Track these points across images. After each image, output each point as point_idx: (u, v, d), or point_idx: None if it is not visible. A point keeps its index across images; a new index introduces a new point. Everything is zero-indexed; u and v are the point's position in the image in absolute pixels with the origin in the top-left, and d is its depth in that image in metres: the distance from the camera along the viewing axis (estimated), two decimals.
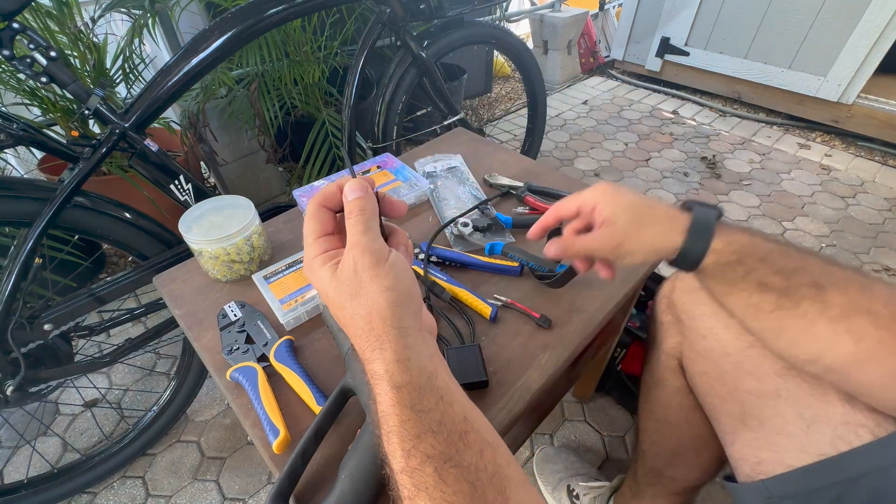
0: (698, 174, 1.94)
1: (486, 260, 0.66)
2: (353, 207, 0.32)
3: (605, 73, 2.89)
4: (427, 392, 0.28)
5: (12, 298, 0.72)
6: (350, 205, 0.33)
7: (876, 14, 1.84)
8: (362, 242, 0.31)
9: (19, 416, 1.06)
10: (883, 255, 1.54)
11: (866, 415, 0.40)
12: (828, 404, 0.43)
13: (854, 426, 0.41)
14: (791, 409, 0.46)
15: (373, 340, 0.29)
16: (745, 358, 0.52)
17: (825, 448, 0.42)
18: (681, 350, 0.62)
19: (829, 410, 0.43)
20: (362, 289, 0.30)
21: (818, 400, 0.44)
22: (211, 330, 0.61)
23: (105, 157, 0.79)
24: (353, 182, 0.33)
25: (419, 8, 1.18)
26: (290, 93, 1.47)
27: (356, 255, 0.30)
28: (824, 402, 0.43)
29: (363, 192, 0.33)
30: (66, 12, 1.15)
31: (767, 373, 0.49)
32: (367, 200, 0.33)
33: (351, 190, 0.33)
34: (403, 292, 0.30)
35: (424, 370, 0.29)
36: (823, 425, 0.43)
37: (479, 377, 0.53)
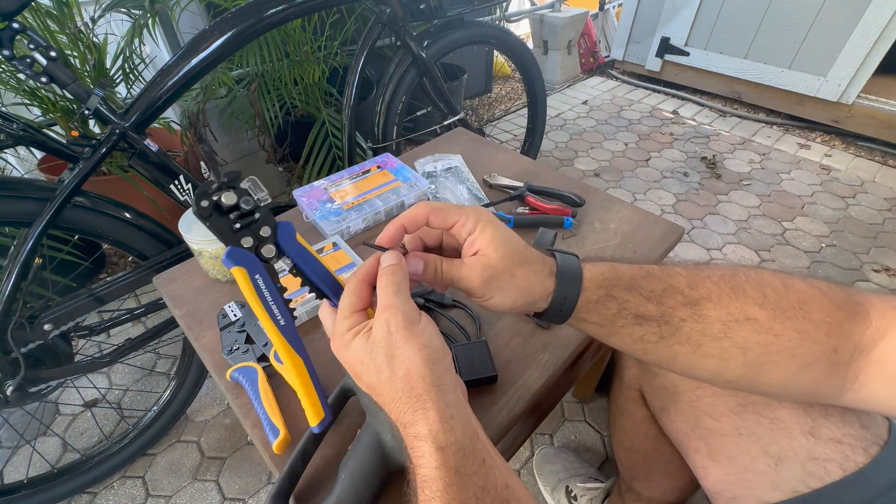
0: (698, 174, 1.94)
1: None
2: (386, 272, 0.34)
3: (605, 73, 2.89)
4: (470, 454, 0.29)
5: (12, 298, 0.72)
6: (382, 270, 0.34)
7: (876, 14, 1.84)
8: (395, 303, 0.32)
9: (19, 416, 1.06)
10: (883, 255, 1.54)
11: (832, 447, 0.40)
12: (790, 438, 0.42)
13: (822, 461, 0.40)
14: (755, 447, 0.45)
15: (413, 401, 0.30)
16: (696, 398, 0.50)
17: (796, 485, 0.41)
18: (640, 382, 0.61)
19: (793, 445, 0.42)
20: (398, 350, 0.31)
21: (779, 435, 0.43)
22: (211, 330, 0.61)
23: (105, 157, 0.79)
24: (389, 253, 0.36)
25: (419, 8, 1.18)
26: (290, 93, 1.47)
27: (389, 317, 0.31)
28: (786, 435, 0.42)
29: (396, 261, 0.35)
30: (66, 12, 1.15)
31: (722, 412, 0.48)
32: (399, 267, 0.35)
33: (386, 258, 0.35)
34: (438, 350, 0.31)
35: (467, 429, 0.29)
36: (791, 461, 0.42)
37: (489, 372, 0.53)
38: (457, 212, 0.36)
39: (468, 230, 0.36)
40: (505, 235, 0.36)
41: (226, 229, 0.33)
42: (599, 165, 2.02)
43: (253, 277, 0.33)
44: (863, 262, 1.52)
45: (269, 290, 0.34)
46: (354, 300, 0.35)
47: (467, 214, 0.36)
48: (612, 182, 1.91)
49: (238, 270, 0.33)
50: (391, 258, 0.35)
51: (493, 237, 0.35)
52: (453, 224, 0.36)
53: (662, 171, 1.97)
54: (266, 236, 0.34)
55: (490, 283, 0.35)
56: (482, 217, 0.36)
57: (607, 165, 2.02)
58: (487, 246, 0.35)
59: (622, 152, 2.11)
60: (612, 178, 1.93)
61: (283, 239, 0.35)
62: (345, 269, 0.67)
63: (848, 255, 1.54)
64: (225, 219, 0.33)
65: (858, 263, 1.51)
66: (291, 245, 0.35)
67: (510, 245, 0.36)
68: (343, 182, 0.84)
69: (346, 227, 0.76)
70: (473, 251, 0.36)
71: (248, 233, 0.33)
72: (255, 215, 0.34)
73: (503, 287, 0.35)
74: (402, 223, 0.36)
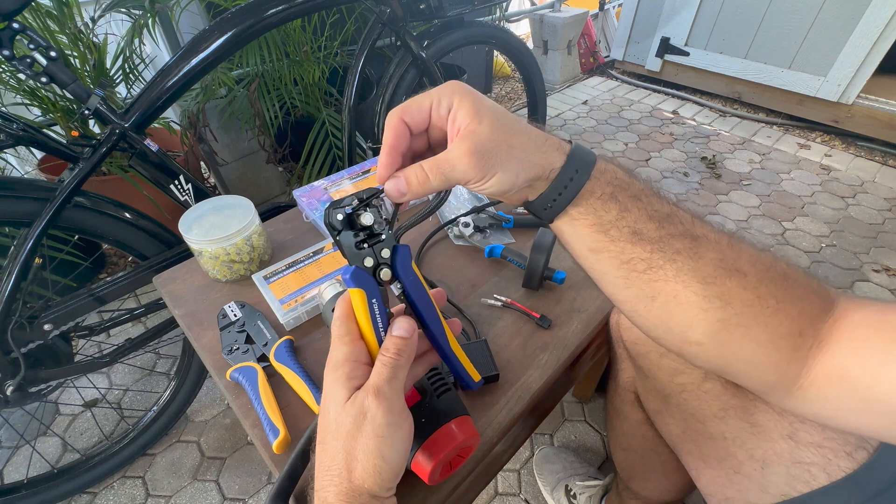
0: (698, 174, 1.94)
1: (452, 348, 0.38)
2: (391, 346, 0.32)
3: (605, 73, 2.89)
4: None
5: (12, 298, 0.72)
6: (390, 340, 0.32)
7: (876, 14, 1.84)
8: (385, 392, 0.30)
9: (19, 416, 1.06)
10: (883, 255, 1.54)
11: (813, 451, 0.39)
12: (771, 442, 0.42)
13: (805, 465, 0.40)
14: (741, 451, 0.45)
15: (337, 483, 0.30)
16: (683, 401, 0.50)
17: (784, 488, 0.41)
18: (635, 385, 0.61)
19: (775, 448, 0.42)
20: (358, 442, 0.29)
21: (761, 439, 0.43)
22: (211, 330, 0.61)
23: (105, 157, 0.79)
24: (404, 321, 0.33)
25: (419, 8, 1.18)
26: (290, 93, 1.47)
27: (371, 403, 0.30)
28: (767, 439, 0.42)
29: (408, 335, 0.33)
30: (66, 12, 1.15)
31: (707, 415, 0.47)
32: (407, 345, 0.32)
33: (399, 327, 0.33)
34: (394, 468, 0.30)
35: None
36: (776, 465, 0.42)
37: (491, 371, 0.54)
38: (427, 96, 0.32)
39: (445, 107, 0.31)
40: (489, 103, 0.31)
41: (352, 246, 0.32)
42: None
43: (370, 301, 0.32)
44: (863, 262, 1.52)
45: (382, 317, 0.33)
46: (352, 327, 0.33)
47: (439, 91, 0.31)
48: None
49: (357, 293, 0.32)
50: (404, 329, 0.32)
51: (475, 105, 0.30)
52: (428, 110, 0.32)
53: (662, 171, 1.97)
54: (385, 258, 0.33)
55: (485, 159, 0.30)
56: (457, 88, 0.31)
57: None
58: (471, 117, 0.30)
59: (622, 152, 2.11)
60: None
61: (399, 264, 0.33)
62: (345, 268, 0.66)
63: (848, 255, 1.54)
64: (354, 236, 0.32)
65: (858, 263, 1.51)
66: (406, 271, 0.34)
67: (497, 113, 0.31)
68: (343, 182, 0.84)
69: None
70: (457, 129, 0.31)
71: (371, 253, 0.33)
72: (381, 236, 0.33)
73: (502, 161, 0.31)
74: (392, 145, 0.32)
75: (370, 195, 0.32)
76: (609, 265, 0.34)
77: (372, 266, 0.33)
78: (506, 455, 0.66)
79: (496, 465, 0.66)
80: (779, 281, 0.32)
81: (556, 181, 0.32)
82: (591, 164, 0.32)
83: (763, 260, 0.32)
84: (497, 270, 0.70)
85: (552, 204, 0.33)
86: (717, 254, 0.32)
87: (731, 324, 0.31)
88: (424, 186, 0.31)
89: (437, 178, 0.31)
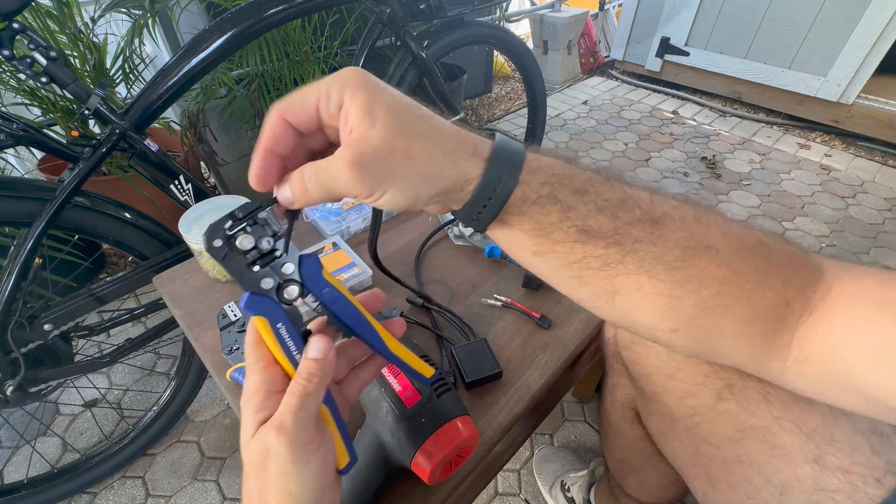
0: (698, 174, 1.94)
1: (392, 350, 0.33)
2: (303, 370, 0.28)
3: (605, 73, 2.89)
4: None
5: (12, 298, 0.72)
6: (303, 364, 0.28)
7: (876, 14, 1.84)
8: (287, 427, 0.26)
9: (19, 416, 1.06)
10: (883, 255, 1.54)
11: (839, 477, 0.36)
12: (794, 466, 0.38)
13: (829, 493, 0.36)
14: (758, 476, 0.41)
15: None
16: (694, 424, 0.46)
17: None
18: (635, 403, 0.57)
19: (797, 473, 0.38)
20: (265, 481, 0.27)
21: (782, 463, 0.39)
22: (211, 330, 0.61)
23: (105, 157, 0.79)
24: (317, 341, 0.29)
25: (419, 8, 1.18)
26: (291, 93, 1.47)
27: (272, 440, 0.26)
28: (789, 464, 0.38)
29: (322, 355, 0.28)
30: (66, 12, 1.15)
31: (722, 438, 0.43)
32: (321, 367, 0.28)
33: (312, 347, 0.29)
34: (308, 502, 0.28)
35: None
36: (797, 492, 0.38)
37: (494, 369, 0.54)
38: (314, 89, 0.25)
39: (335, 104, 0.25)
40: (388, 98, 0.25)
41: (244, 270, 0.28)
42: (600, 166, 2.02)
43: (275, 327, 0.29)
44: (863, 262, 1.52)
45: (293, 339, 0.30)
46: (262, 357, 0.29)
47: (328, 82, 0.25)
48: None
49: (259, 321, 0.29)
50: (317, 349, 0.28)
51: (368, 101, 0.24)
52: (315, 106, 0.25)
53: (662, 172, 1.97)
54: (289, 274, 0.29)
55: (371, 172, 0.24)
56: (349, 79, 0.25)
57: (607, 166, 2.02)
58: (361, 118, 0.24)
59: (622, 152, 2.11)
60: None
61: (308, 277, 0.30)
62: (344, 269, 0.66)
63: (848, 255, 1.54)
64: (242, 258, 0.28)
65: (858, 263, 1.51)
66: (318, 283, 0.30)
67: (397, 112, 0.25)
68: None
69: (346, 227, 0.76)
70: (347, 132, 0.25)
71: (269, 272, 0.29)
72: (275, 253, 0.29)
73: (395, 174, 0.25)
74: (265, 147, 0.26)
75: (249, 211, 0.28)
76: (557, 266, 0.30)
77: (273, 286, 0.29)
78: (506, 455, 0.66)
79: (496, 465, 0.66)
80: (756, 250, 0.29)
81: (476, 193, 0.27)
82: (517, 167, 0.27)
83: (735, 230, 0.29)
84: (497, 270, 0.70)
85: (477, 216, 0.28)
86: (683, 232, 0.28)
87: (707, 306, 0.29)
88: (305, 197, 0.27)
89: (316, 189, 0.26)
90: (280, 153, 0.27)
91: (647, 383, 0.49)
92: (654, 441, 0.55)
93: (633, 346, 0.50)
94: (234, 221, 0.28)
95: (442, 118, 0.27)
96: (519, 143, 0.29)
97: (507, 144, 0.28)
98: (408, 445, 0.40)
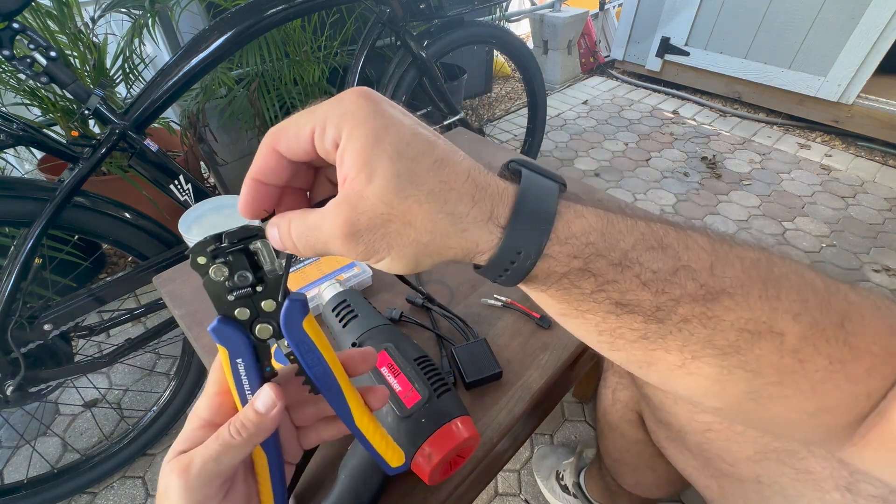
0: (698, 174, 1.94)
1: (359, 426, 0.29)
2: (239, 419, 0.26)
3: (605, 73, 2.89)
4: None
5: (12, 298, 0.72)
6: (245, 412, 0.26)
7: (876, 14, 1.84)
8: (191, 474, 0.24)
9: (19, 416, 1.06)
10: (883, 255, 1.54)
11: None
12: (822, 492, 0.35)
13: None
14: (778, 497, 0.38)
15: None
16: (706, 440, 0.42)
17: None
18: (640, 406, 0.55)
19: (825, 499, 0.35)
20: None
21: (807, 487, 0.36)
22: None
23: (105, 157, 0.79)
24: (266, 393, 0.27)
25: (419, 8, 1.18)
26: (290, 93, 1.47)
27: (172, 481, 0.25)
28: (816, 489, 0.35)
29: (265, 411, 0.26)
30: (66, 12, 1.15)
31: (738, 458, 0.40)
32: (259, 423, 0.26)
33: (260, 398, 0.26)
34: None
35: None
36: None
37: (494, 369, 0.53)
38: (308, 119, 0.22)
39: (331, 140, 0.21)
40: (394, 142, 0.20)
41: (221, 295, 0.26)
42: (600, 165, 2.02)
43: (233, 361, 0.27)
44: (863, 262, 1.51)
45: (249, 379, 0.28)
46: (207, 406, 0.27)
47: (325, 112, 0.21)
48: (613, 182, 1.91)
49: (221, 349, 0.27)
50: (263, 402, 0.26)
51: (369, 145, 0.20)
52: (309, 140, 0.22)
53: (663, 171, 1.97)
54: (269, 311, 0.27)
55: (365, 242, 0.21)
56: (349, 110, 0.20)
57: (607, 165, 2.02)
58: (358, 169, 0.20)
59: (622, 152, 2.11)
60: (612, 178, 1.93)
61: (286, 321, 0.27)
62: (344, 269, 0.66)
63: (848, 255, 1.54)
64: (221, 284, 0.26)
65: (858, 263, 1.51)
66: (295, 332, 0.27)
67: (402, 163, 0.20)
68: None
69: None
70: (342, 179, 0.21)
71: (247, 304, 0.27)
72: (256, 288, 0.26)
73: (391, 243, 0.21)
74: (254, 177, 0.23)
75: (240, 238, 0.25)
76: (586, 331, 0.26)
77: (247, 319, 0.27)
78: (506, 455, 0.66)
79: (496, 466, 0.66)
80: (834, 331, 0.23)
81: (490, 263, 0.23)
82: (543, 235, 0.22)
83: (812, 304, 0.23)
84: None
85: (496, 279, 0.24)
86: (744, 313, 0.23)
87: (761, 395, 0.24)
88: (293, 251, 0.24)
89: (304, 246, 0.23)
90: (271, 183, 0.23)
91: (656, 392, 0.47)
92: (661, 447, 0.52)
93: None
94: (218, 246, 0.25)
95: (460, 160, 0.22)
96: (550, 196, 0.23)
97: (533, 203, 0.22)
98: (408, 446, 0.40)
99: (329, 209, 0.21)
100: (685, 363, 0.24)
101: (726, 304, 0.23)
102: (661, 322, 0.23)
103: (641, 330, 0.24)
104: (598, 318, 0.24)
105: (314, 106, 0.22)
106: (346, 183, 0.21)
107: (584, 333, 0.26)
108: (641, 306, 0.23)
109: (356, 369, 0.29)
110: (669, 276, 0.23)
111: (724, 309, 0.23)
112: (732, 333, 0.23)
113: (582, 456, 0.89)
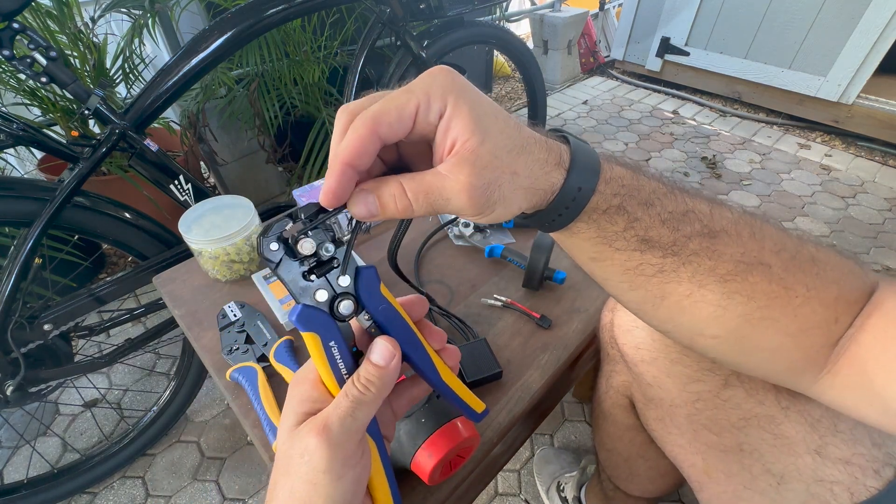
0: (698, 174, 1.94)
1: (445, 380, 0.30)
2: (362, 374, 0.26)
3: (605, 73, 2.89)
4: None
5: (12, 298, 0.72)
6: (364, 367, 0.26)
7: (876, 14, 1.84)
8: (332, 432, 0.24)
9: (19, 416, 1.06)
10: (883, 255, 1.54)
11: (840, 468, 0.36)
12: (795, 456, 0.39)
13: (828, 483, 0.37)
14: (757, 464, 0.41)
15: None
16: (696, 411, 0.46)
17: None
18: (630, 390, 0.57)
19: (797, 463, 0.38)
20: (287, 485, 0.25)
21: (783, 452, 0.39)
22: (211, 330, 0.61)
23: (105, 157, 0.79)
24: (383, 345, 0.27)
25: (419, 8, 1.18)
26: (290, 93, 1.47)
27: (311, 442, 0.24)
28: (790, 454, 0.39)
29: (384, 363, 0.26)
30: (66, 12, 1.15)
31: (724, 426, 0.44)
32: (382, 376, 0.26)
33: (377, 351, 0.27)
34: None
35: None
36: (795, 481, 0.39)
37: (494, 369, 0.54)
38: (409, 97, 0.23)
39: (436, 112, 0.23)
40: (489, 108, 0.24)
41: (298, 280, 0.26)
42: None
43: (327, 345, 0.26)
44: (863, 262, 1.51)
45: (345, 360, 0.27)
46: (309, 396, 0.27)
47: (426, 88, 0.23)
48: None
49: (310, 336, 0.26)
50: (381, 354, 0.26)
51: (475, 113, 0.23)
52: (412, 117, 0.23)
53: (663, 171, 1.96)
54: (344, 287, 0.27)
55: (486, 194, 0.24)
56: (448, 85, 0.23)
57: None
58: (471, 132, 0.23)
59: (622, 152, 2.11)
60: None
61: (365, 291, 0.27)
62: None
63: None
64: (298, 266, 0.26)
65: None
66: (375, 299, 0.27)
67: (499, 124, 0.24)
68: None
69: None
70: (450, 144, 0.23)
71: (324, 284, 0.26)
72: (333, 263, 0.27)
73: (504, 194, 0.24)
74: (348, 162, 0.23)
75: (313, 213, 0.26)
76: (612, 272, 0.31)
77: (328, 299, 0.27)
78: (506, 455, 0.66)
79: (496, 466, 0.66)
80: (807, 266, 0.29)
81: (555, 202, 0.27)
82: (595, 176, 0.27)
83: (788, 246, 0.30)
84: (497, 270, 0.70)
85: (550, 223, 0.28)
86: (738, 248, 0.29)
87: (753, 318, 0.29)
88: (405, 212, 0.25)
89: (422, 206, 0.24)
90: (361, 168, 0.24)
91: (649, 368, 0.50)
92: (650, 430, 0.55)
93: (635, 331, 0.51)
94: (296, 223, 0.26)
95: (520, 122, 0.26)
96: (593, 149, 0.28)
97: (585, 151, 0.28)
98: (408, 446, 0.40)
99: (447, 169, 0.24)
100: (692, 292, 0.29)
101: (725, 241, 0.29)
102: (676, 255, 0.29)
103: (659, 264, 0.29)
104: (624, 257, 0.29)
105: (404, 86, 0.24)
106: (458, 145, 0.23)
107: (610, 275, 0.31)
108: (661, 241, 0.29)
109: (416, 316, 0.30)
110: (682, 216, 0.29)
111: (724, 244, 0.29)
112: (731, 264, 0.29)
113: (585, 471, 0.89)
